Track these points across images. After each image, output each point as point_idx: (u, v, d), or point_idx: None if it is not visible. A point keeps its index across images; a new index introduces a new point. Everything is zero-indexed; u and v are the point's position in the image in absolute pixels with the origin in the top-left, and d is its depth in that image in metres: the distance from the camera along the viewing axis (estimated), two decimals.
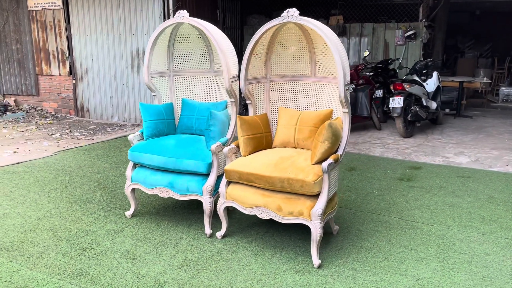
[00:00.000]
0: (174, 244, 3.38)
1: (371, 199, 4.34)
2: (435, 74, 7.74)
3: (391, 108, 6.85)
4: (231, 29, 10.86)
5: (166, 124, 3.94)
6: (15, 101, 9.60)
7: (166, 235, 3.53)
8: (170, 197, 3.62)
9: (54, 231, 3.57)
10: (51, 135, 7.25)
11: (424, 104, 7.18)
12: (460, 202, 4.28)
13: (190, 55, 4.14)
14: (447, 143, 6.71)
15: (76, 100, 8.93)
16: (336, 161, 3.09)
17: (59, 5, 8.66)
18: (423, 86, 7.28)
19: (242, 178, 3.25)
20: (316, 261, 3.04)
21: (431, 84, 7.65)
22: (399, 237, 3.51)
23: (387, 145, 6.59)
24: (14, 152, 6.13)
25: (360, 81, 7.46)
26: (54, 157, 5.81)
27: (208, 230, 3.50)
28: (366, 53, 7.82)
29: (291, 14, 3.20)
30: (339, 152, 3.19)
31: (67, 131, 7.55)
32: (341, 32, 10.10)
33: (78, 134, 7.36)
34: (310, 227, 3.02)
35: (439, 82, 7.81)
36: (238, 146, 3.48)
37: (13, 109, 9.35)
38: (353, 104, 7.43)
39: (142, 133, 3.86)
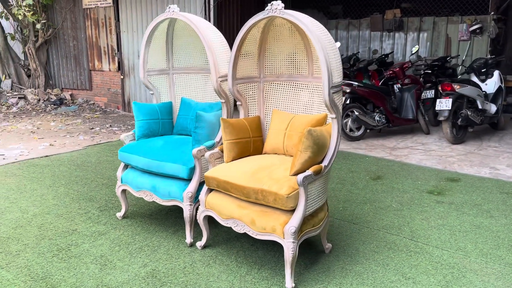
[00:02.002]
0: (151, 252, 3.21)
1: (385, 214, 3.87)
2: (496, 73, 6.86)
3: (438, 111, 6.18)
4: None
5: (160, 124, 3.78)
6: (71, 95, 10.08)
7: (147, 241, 3.37)
8: (153, 201, 3.47)
9: (43, 229, 3.56)
10: (92, 129, 7.47)
11: (480, 107, 6.39)
12: (492, 224, 3.68)
13: (190, 52, 3.94)
14: (503, 152, 5.91)
15: (123, 95, 9.17)
16: (317, 173, 2.73)
17: (109, 3, 8.91)
18: (479, 87, 6.47)
19: (220, 186, 3.00)
20: (289, 284, 2.71)
21: (491, 84, 6.80)
22: (400, 262, 3.06)
23: (429, 151, 5.95)
24: (50, 145, 6.36)
25: (406, 81, 6.82)
26: (80, 152, 5.93)
27: (188, 239, 3.29)
28: (415, 49, 7.16)
29: (275, 7, 2.88)
30: (324, 163, 2.82)
31: (107, 125, 7.75)
32: (397, 27, 9.39)
33: (116, 129, 7.51)
34: (283, 246, 2.70)
35: (501, 83, 6.92)
36: (222, 151, 3.23)
37: (67, 103, 9.82)
38: (398, 105, 6.85)
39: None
